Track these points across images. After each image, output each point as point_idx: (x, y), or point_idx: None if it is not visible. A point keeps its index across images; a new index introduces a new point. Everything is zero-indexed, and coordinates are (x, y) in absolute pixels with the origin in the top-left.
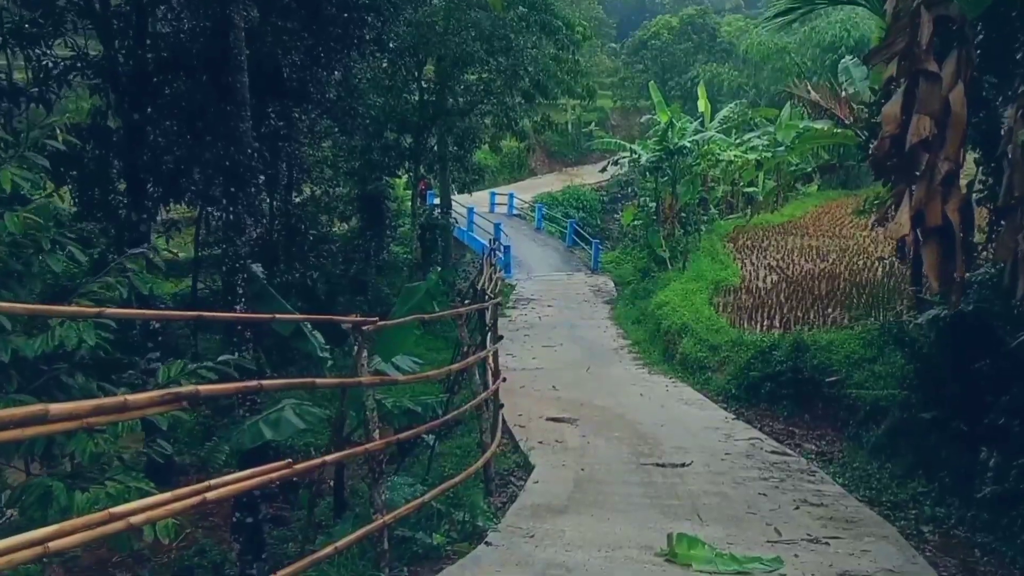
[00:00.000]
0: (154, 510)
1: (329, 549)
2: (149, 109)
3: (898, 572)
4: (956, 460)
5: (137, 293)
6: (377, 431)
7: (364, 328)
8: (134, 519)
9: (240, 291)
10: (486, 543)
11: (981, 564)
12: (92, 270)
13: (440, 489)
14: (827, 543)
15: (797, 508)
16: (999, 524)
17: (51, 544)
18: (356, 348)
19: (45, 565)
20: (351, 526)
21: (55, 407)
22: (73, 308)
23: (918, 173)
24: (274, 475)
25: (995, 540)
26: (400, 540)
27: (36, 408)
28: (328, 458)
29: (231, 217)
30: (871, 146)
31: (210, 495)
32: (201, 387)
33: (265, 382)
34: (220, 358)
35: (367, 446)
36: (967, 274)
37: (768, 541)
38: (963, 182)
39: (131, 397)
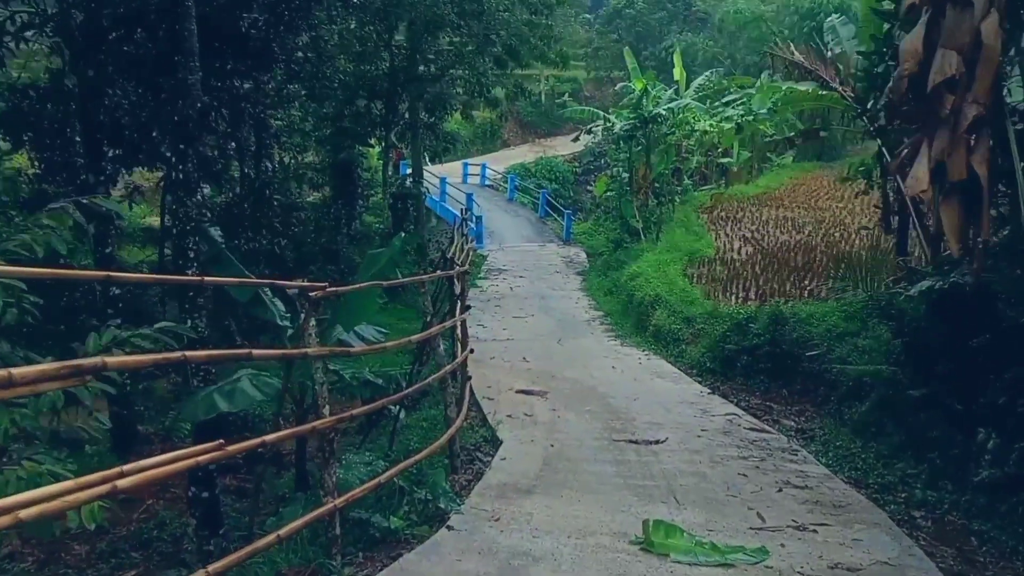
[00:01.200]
0: (49, 503)
1: (271, 538)
2: (110, 68)
3: (894, 564)
4: (948, 440)
5: (99, 256)
6: (327, 407)
7: (311, 294)
8: (24, 513)
9: (192, 255)
10: (447, 527)
11: (979, 554)
12: None
13: (399, 468)
14: (815, 530)
15: (780, 490)
16: (997, 511)
17: None
18: (303, 316)
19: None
20: (302, 508)
21: None
22: None
23: (941, 118)
24: (202, 458)
25: (993, 528)
26: (355, 523)
27: None
28: (268, 438)
29: (180, 176)
30: (890, 85)
31: (121, 483)
32: (109, 359)
33: (190, 353)
34: (157, 325)
35: (315, 424)
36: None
37: (751, 528)
38: None
39: (18, 371)
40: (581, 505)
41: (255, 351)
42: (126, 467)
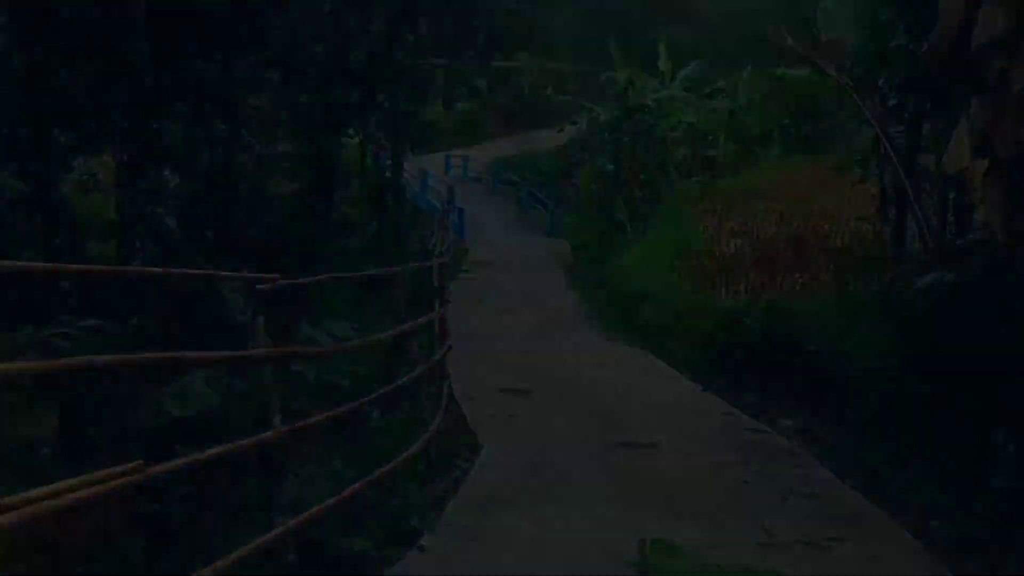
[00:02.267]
0: None
1: (207, 572)
2: (61, 47)
3: None
4: (961, 442)
5: (48, 248)
6: (279, 416)
7: (259, 287)
8: None
9: (139, 244)
10: (420, 548)
11: (1006, 567)
12: None
13: (366, 481)
14: (829, 546)
15: (786, 499)
16: (1022, 519)
17: None
18: (252, 312)
19: None
20: (254, 530)
21: None
22: None
23: (985, 85)
24: (116, 483)
25: (1019, 538)
26: (314, 544)
27: None
28: (211, 452)
29: (126, 158)
30: (926, 47)
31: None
32: None
33: (98, 358)
34: (82, 323)
35: (262, 436)
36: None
37: (758, 544)
38: None
39: None
40: (569, 519)
41: (187, 354)
42: (7, 499)
